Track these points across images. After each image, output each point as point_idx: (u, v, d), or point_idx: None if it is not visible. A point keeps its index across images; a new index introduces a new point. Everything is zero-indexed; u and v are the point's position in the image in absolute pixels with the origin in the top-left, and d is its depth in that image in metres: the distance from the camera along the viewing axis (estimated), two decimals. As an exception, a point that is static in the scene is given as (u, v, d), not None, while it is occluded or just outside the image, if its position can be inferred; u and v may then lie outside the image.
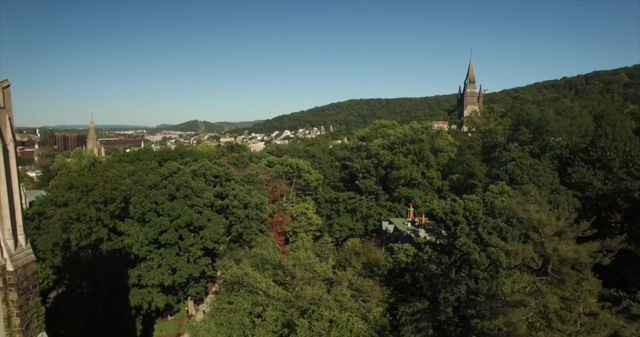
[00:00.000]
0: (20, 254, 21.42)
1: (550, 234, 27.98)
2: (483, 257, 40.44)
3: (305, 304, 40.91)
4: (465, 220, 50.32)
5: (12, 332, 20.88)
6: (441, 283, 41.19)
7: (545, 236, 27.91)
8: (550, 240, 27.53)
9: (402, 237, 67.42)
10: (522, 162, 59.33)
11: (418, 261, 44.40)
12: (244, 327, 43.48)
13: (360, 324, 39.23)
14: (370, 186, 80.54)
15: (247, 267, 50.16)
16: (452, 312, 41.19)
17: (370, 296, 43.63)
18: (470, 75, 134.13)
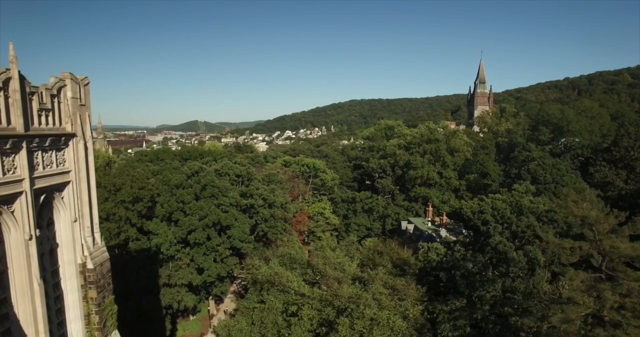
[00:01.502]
0: (97, 252, 21.40)
1: (604, 232, 28.25)
2: (520, 256, 40.69)
3: (344, 303, 41.01)
4: (494, 219, 50.69)
5: (92, 330, 20.84)
6: (478, 281, 41.38)
7: (600, 234, 28.18)
8: (607, 237, 27.78)
9: (424, 236, 67.67)
10: (544, 161, 59.79)
11: (452, 259, 44.58)
12: (277, 326, 43.49)
13: (400, 322, 39.41)
14: (387, 186, 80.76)
15: (277, 267, 50.22)
16: (488, 310, 41.43)
17: (406, 295, 43.83)
18: (480, 76, 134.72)
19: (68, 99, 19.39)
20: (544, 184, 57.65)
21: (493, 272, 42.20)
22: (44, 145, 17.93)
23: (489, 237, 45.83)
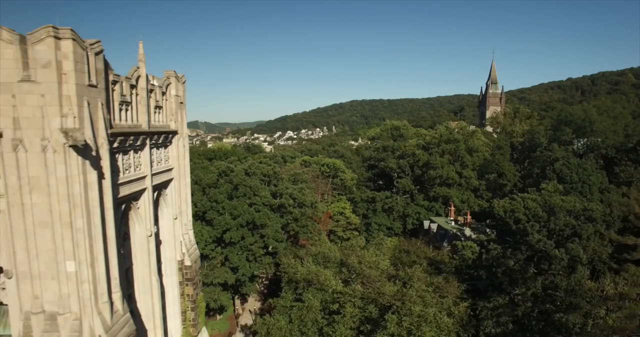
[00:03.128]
0: (192, 249, 21.60)
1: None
2: (562, 253, 41.24)
3: (389, 300, 41.39)
4: (526, 217, 51.18)
5: (187, 326, 21.03)
6: (520, 279, 41.87)
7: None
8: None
9: (448, 235, 68.13)
10: (569, 161, 60.48)
11: (492, 257, 45.04)
12: (317, 324, 43.78)
13: (447, 319, 39.86)
14: (407, 185, 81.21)
15: (312, 265, 50.46)
16: (530, 307, 41.90)
17: (447, 292, 44.27)
18: (492, 76, 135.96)
19: (172, 97, 19.61)
20: (570, 184, 58.37)
21: (534, 269, 42.74)
22: (158, 142, 18.15)
23: (526, 235, 46.31)
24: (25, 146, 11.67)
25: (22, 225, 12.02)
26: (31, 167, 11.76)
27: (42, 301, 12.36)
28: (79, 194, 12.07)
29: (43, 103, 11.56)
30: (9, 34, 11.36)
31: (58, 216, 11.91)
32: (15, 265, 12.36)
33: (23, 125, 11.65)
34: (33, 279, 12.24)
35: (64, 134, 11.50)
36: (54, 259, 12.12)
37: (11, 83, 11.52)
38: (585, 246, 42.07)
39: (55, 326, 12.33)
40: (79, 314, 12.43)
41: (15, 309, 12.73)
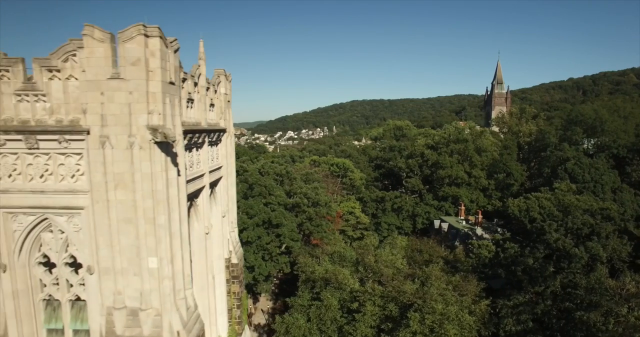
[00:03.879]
0: (237, 247, 21.74)
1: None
2: (582, 252, 41.55)
3: (410, 299, 41.64)
4: (541, 216, 51.54)
5: (233, 323, 21.17)
6: (541, 277, 42.16)
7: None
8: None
9: (460, 235, 68.47)
10: (580, 161, 60.92)
11: (510, 256, 45.33)
12: (337, 322, 43.99)
13: (469, 317, 40.16)
14: (416, 185, 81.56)
15: (329, 264, 50.64)
16: (550, 305, 42.19)
17: (467, 290, 44.56)
18: (497, 76, 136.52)
19: (221, 95, 19.74)
20: (583, 183, 58.80)
21: (552, 268, 43.03)
22: (212, 140, 18.29)
23: (543, 234, 46.63)
24: (112, 143, 11.79)
25: (106, 221, 12.14)
26: (117, 163, 11.88)
27: (124, 297, 12.47)
28: (162, 191, 12.19)
29: (131, 100, 11.68)
30: (101, 33, 11.48)
31: (142, 212, 12.02)
32: (97, 261, 12.47)
33: (110, 122, 11.76)
34: (116, 275, 12.35)
35: (153, 131, 11.62)
36: (137, 255, 12.24)
37: (100, 81, 11.64)
38: (605, 244, 42.40)
39: (137, 322, 12.44)
40: (160, 310, 12.54)
41: (96, 305, 12.84)
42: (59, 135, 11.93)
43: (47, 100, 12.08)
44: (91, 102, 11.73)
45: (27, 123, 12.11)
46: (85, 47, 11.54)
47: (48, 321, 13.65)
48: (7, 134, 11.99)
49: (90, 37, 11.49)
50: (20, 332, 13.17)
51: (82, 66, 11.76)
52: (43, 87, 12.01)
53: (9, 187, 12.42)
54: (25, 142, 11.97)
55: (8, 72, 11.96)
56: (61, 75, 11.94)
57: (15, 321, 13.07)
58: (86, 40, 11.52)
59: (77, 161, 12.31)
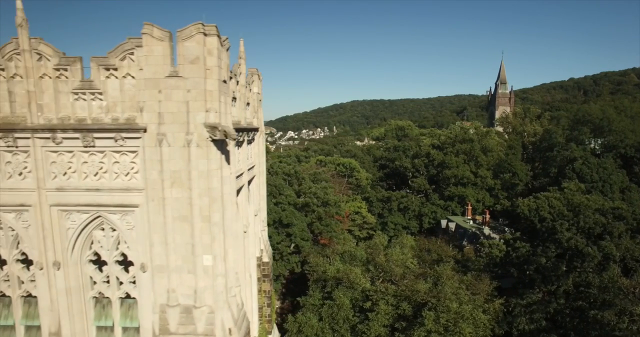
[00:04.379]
0: (267, 245, 21.82)
1: None
2: (595, 251, 41.75)
3: (424, 298, 41.78)
4: (551, 216, 51.75)
5: (263, 322, 21.25)
6: (554, 276, 42.35)
7: None
8: None
9: (468, 234, 68.69)
10: (588, 160, 61.20)
11: (523, 255, 45.52)
12: (349, 321, 44.10)
13: (483, 316, 40.35)
14: (422, 185, 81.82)
15: (340, 264, 50.74)
16: (563, 304, 42.37)
17: (479, 289, 44.74)
18: (501, 77, 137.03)
19: (254, 94, 19.82)
20: (591, 183, 59.07)
21: (567, 266, 43.23)
22: (248, 138, 18.35)
23: (554, 233, 46.82)
24: (169, 141, 11.85)
25: (161, 219, 12.19)
26: (173, 161, 11.94)
27: (177, 295, 12.52)
28: (217, 189, 12.26)
29: (189, 98, 11.74)
30: (160, 32, 11.55)
31: (198, 210, 12.09)
32: (151, 259, 12.53)
33: (167, 120, 11.83)
34: (170, 272, 12.41)
35: (211, 129, 11.69)
36: (192, 253, 12.30)
37: (158, 79, 11.71)
38: (618, 243, 42.62)
39: (191, 319, 12.50)
40: (214, 308, 12.61)
41: (148, 302, 12.90)
42: (115, 133, 11.99)
43: (104, 98, 12.14)
44: (149, 100, 11.80)
45: (84, 121, 12.16)
46: (144, 45, 11.60)
47: (98, 318, 13.70)
48: (65, 132, 12.04)
49: (149, 36, 11.55)
50: (73, 329, 13.22)
51: (140, 64, 11.82)
52: (100, 85, 12.07)
53: (64, 185, 12.47)
54: (83, 140, 12.03)
55: (66, 71, 12.02)
56: (118, 73, 12.00)
57: (68, 318, 13.12)
58: (145, 38, 11.58)
59: (132, 159, 12.37)
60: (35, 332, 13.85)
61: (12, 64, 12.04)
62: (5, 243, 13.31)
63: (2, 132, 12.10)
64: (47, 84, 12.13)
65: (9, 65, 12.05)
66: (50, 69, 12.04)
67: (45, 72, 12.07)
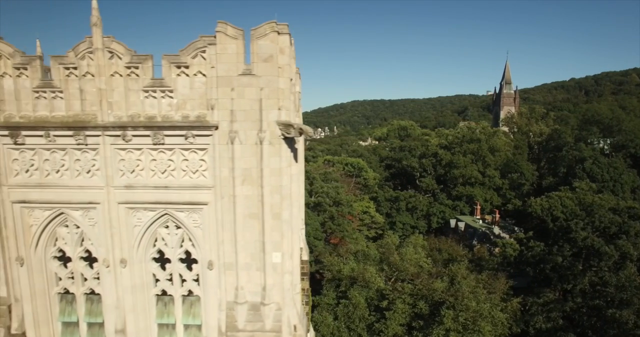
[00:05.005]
0: (305, 243, 21.86)
1: None
2: (612, 250, 42.01)
3: (442, 297, 41.94)
4: (564, 216, 52.02)
5: (302, 320, 21.26)
6: (571, 275, 42.57)
7: None
8: None
9: (478, 234, 68.91)
10: (598, 160, 61.56)
11: (539, 254, 45.73)
12: (365, 320, 44.23)
13: (501, 314, 40.56)
14: (430, 185, 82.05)
15: (354, 263, 50.85)
16: (580, 303, 42.58)
17: (495, 288, 44.95)
18: (506, 77, 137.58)
19: (297, 93, 19.86)
20: (602, 182, 59.42)
21: (583, 265, 43.47)
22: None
23: (569, 232, 47.06)
24: (241, 138, 11.91)
25: (231, 217, 12.25)
26: (245, 159, 12.00)
27: (245, 292, 12.58)
28: (287, 186, 12.34)
29: (261, 96, 11.81)
30: (233, 30, 11.62)
31: (269, 207, 12.15)
32: (219, 256, 12.59)
33: (239, 118, 11.89)
34: (238, 270, 12.47)
35: (285, 126, 11.76)
36: (261, 250, 12.36)
37: (231, 77, 11.77)
38: (635, 242, 42.92)
39: (258, 316, 12.56)
40: (281, 304, 12.68)
41: (214, 300, 12.95)
42: (186, 130, 12.04)
43: (174, 96, 12.19)
44: (221, 98, 11.86)
45: (154, 119, 12.21)
46: (218, 43, 11.66)
47: (160, 316, 13.73)
48: (135, 130, 12.09)
49: (223, 34, 11.62)
50: (137, 327, 13.27)
51: (211, 62, 11.87)
52: (171, 83, 12.12)
53: (133, 182, 12.51)
54: (153, 137, 12.07)
55: (137, 69, 12.06)
56: (189, 71, 12.05)
57: (133, 315, 13.17)
58: (219, 36, 11.64)
59: (201, 157, 12.42)
60: (98, 329, 13.90)
61: (84, 62, 12.07)
62: (70, 240, 13.36)
63: (74, 130, 12.14)
64: (117, 82, 12.18)
65: (81, 64, 12.09)
66: (121, 67, 12.08)
67: (117, 70, 12.11)
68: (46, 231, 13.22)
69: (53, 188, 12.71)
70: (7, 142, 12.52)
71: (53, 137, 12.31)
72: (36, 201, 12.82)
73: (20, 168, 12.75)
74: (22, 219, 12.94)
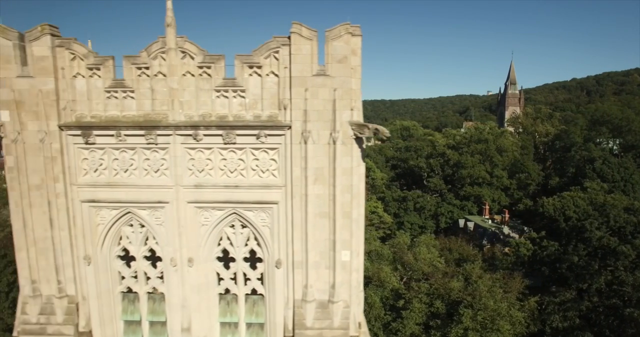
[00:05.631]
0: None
1: None
2: (629, 249, 42.32)
3: (460, 296, 42.14)
4: (577, 215, 52.38)
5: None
6: (587, 274, 42.84)
7: None
8: None
9: (488, 233, 69.22)
10: (608, 160, 61.93)
11: (554, 253, 46.02)
12: (381, 320, 44.38)
13: (519, 313, 40.79)
14: (438, 185, 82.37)
15: (367, 262, 50.98)
16: (596, 302, 42.86)
17: (511, 288, 45.20)
18: (511, 77, 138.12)
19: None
20: (612, 182, 59.81)
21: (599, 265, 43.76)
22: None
23: (583, 232, 47.39)
24: (314, 138, 12.03)
25: (302, 216, 12.35)
26: (317, 158, 12.10)
27: (314, 290, 12.69)
28: (357, 185, 12.47)
29: (334, 97, 11.92)
30: (308, 31, 11.74)
31: (340, 206, 12.26)
32: (287, 255, 12.70)
33: (312, 118, 12.00)
34: (308, 268, 12.58)
35: (359, 127, 11.89)
36: (330, 249, 12.47)
37: (305, 77, 11.88)
38: None
39: (327, 314, 12.68)
40: (349, 302, 12.81)
41: (280, 298, 13.06)
42: (259, 130, 12.14)
43: (245, 96, 12.30)
44: (294, 98, 11.97)
45: (225, 118, 12.31)
46: (293, 44, 11.77)
47: (223, 314, 13.83)
48: (208, 129, 12.18)
49: (298, 35, 11.73)
50: (202, 326, 13.36)
51: (284, 63, 11.99)
52: (243, 83, 12.22)
53: (202, 182, 12.61)
54: (225, 137, 12.17)
55: (209, 69, 12.16)
56: (261, 71, 12.15)
57: (199, 314, 13.26)
58: (294, 37, 11.75)
59: (271, 156, 12.53)
60: (160, 328, 13.99)
61: (156, 62, 12.17)
62: (135, 240, 13.45)
63: (146, 130, 12.23)
64: (188, 82, 12.28)
65: (153, 64, 12.18)
66: (193, 66, 12.18)
67: (189, 69, 12.20)
68: (112, 230, 13.30)
69: (121, 187, 12.79)
70: (77, 141, 12.60)
71: (124, 137, 12.39)
72: (104, 200, 12.91)
73: (89, 167, 12.84)
74: (89, 218, 13.03)
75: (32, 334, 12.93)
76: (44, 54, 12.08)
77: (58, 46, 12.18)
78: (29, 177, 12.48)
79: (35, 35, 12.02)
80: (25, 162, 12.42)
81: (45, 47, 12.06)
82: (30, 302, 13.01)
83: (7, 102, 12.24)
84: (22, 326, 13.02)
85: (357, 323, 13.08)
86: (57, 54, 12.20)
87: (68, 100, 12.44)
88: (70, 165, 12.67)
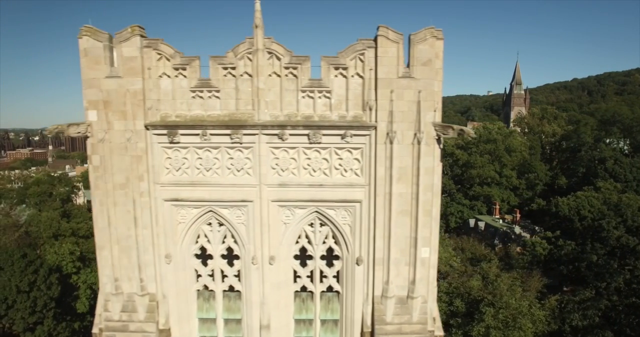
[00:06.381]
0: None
1: None
2: (649, 248, 42.77)
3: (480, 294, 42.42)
4: (592, 215, 52.82)
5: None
6: (607, 273, 43.24)
7: None
8: None
9: (499, 233, 69.61)
10: (620, 160, 62.44)
11: (573, 252, 46.43)
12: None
13: (539, 312, 41.12)
14: (447, 184, 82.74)
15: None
16: (616, 301, 43.23)
17: (530, 286, 45.57)
18: (516, 77, 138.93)
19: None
20: (625, 182, 60.33)
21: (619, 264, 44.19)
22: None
23: (600, 231, 47.82)
24: (398, 138, 12.29)
25: (385, 214, 12.61)
26: (401, 158, 12.37)
27: (393, 286, 12.95)
28: (437, 184, 12.75)
29: (419, 98, 12.20)
30: (394, 34, 12.01)
31: (422, 205, 12.52)
32: (369, 252, 12.96)
33: (397, 119, 12.26)
34: (388, 265, 12.85)
35: (443, 128, 12.17)
36: (411, 246, 12.74)
37: (390, 79, 12.14)
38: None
39: (406, 309, 12.95)
40: (427, 297, 13.08)
41: (358, 295, 13.32)
42: (345, 130, 12.39)
43: (331, 96, 12.54)
44: (380, 99, 12.23)
45: (311, 118, 12.55)
46: (379, 46, 12.03)
47: (298, 311, 14.07)
48: (294, 129, 12.42)
49: (384, 38, 11.99)
50: (279, 323, 13.60)
51: (369, 64, 12.24)
52: (329, 84, 12.47)
53: (286, 181, 12.85)
54: (312, 137, 12.40)
55: (295, 70, 12.40)
56: (347, 73, 12.40)
57: (276, 312, 13.50)
58: (380, 40, 12.01)
59: (354, 156, 12.79)
60: (235, 325, 14.21)
61: (242, 62, 12.40)
62: (213, 238, 13.66)
63: (232, 129, 12.45)
64: (274, 82, 12.51)
65: (239, 64, 12.40)
66: (279, 67, 12.42)
67: (274, 70, 12.44)
68: (192, 229, 13.52)
69: (204, 186, 13.01)
70: (162, 141, 12.80)
71: (209, 136, 12.60)
72: (186, 198, 13.12)
73: (172, 166, 13.04)
74: (171, 217, 13.24)
75: (115, 330, 13.13)
76: (133, 54, 12.29)
77: (146, 47, 12.38)
78: (114, 176, 12.69)
79: (126, 37, 12.22)
80: (111, 161, 12.62)
81: (135, 48, 12.26)
82: (112, 299, 13.20)
83: (95, 102, 12.45)
84: (105, 322, 13.22)
85: (432, 318, 13.35)
86: (145, 55, 12.40)
87: (153, 100, 12.64)
88: (154, 165, 12.87)
